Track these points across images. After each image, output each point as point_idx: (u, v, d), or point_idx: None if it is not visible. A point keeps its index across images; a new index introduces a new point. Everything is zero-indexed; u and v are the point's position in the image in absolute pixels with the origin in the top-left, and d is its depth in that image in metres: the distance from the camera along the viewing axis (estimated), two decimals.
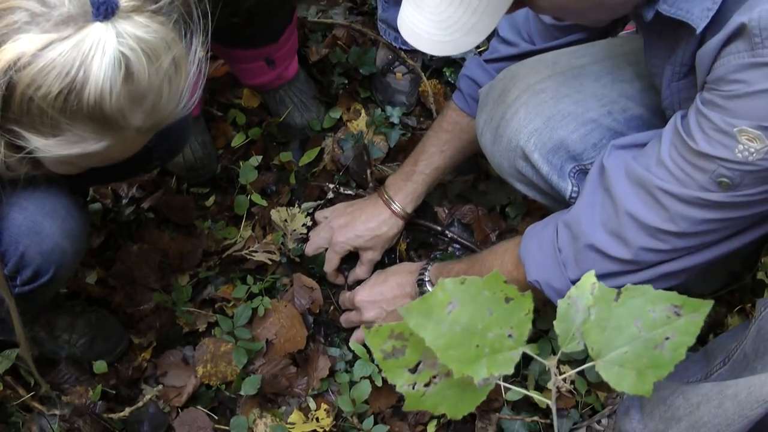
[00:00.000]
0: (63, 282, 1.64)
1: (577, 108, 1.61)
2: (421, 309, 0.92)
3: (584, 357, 1.90)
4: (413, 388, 0.97)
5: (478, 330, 0.93)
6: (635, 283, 1.41)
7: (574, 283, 1.48)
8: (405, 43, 2.32)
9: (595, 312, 0.96)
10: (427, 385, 0.97)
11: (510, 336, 0.94)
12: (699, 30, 1.25)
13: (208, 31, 1.29)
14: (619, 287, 1.45)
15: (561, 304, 0.96)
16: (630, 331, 0.97)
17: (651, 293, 0.97)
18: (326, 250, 2.06)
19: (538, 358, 0.98)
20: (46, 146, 1.21)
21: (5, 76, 1.12)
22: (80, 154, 1.22)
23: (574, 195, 1.62)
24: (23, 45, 1.10)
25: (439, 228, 2.15)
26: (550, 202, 1.72)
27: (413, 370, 0.97)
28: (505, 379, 0.99)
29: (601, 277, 1.45)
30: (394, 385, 1.87)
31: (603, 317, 0.96)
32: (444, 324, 0.92)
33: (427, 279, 1.84)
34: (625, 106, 1.63)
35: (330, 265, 2.05)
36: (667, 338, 0.97)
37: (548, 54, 1.70)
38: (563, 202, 1.65)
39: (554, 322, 0.96)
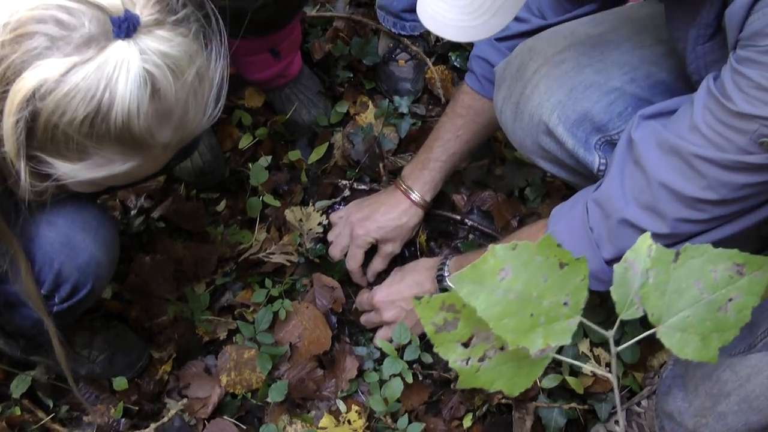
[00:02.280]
0: (101, 293, 1.61)
1: (599, 77, 1.55)
2: (473, 276, 0.86)
3: (618, 338, 1.86)
4: (467, 363, 0.91)
5: (533, 298, 0.87)
6: None
7: (609, 263, 1.46)
8: (404, 28, 2.29)
9: (653, 275, 0.90)
10: (481, 360, 0.91)
11: (566, 304, 0.88)
12: None
13: (224, 36, 1.24)
14: None
15: (617, 268, 0.90)
16: (691, 294, 0.91)
17: (711, 252, 0.91)
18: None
19: (597, 328, 0.92)
20: (72, 171, 1.16)
21: (28, 105, 1.07)
22: (107, 176, 1.18)
23: (602, 168, 1.56)
24: (45, 71, 1.05)
25: (458, 217, 2.10)
26: (576, 178, 1.66)
27: (466, 344, 0.91)
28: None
29: None
30: (425, 382, 1.87)
31: (662, 280, 0.90)
32: (497, 292, 0.86)
33: (446, 274, 1.79)
34: (648, 72, 1.57)
35: (354, 261, 1.99)
36: (730, 299, 0.92)
37: (564, 25, 1.65)
38: (590, 177, 1.59)
39: (611, 288, 0.90)
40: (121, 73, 1.06)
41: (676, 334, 0.91)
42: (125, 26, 1.07)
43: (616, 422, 1.83)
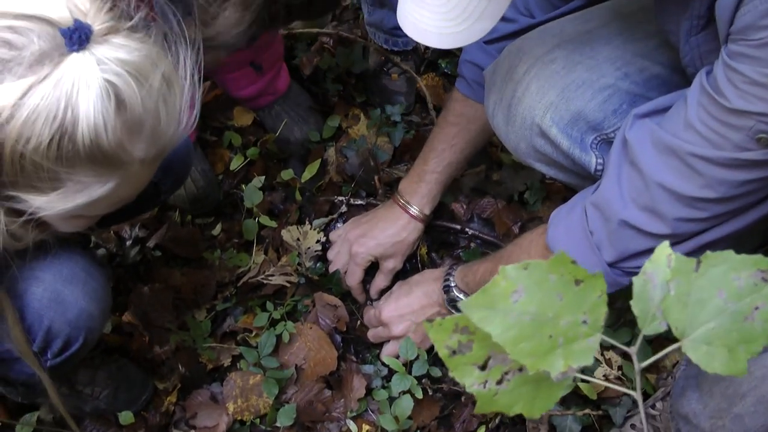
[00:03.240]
0: (94, 343, 1.56)
1: (591, 75, 1.52)
2: (484, 301, 0.82)
3: (628, 340, 1.82)
4: (484, 386, 0.87)
5: (549, 318, 0.83)
6: None
7: (611, 265, 1.42)
8: (396, 44, 2.26)
9: (674, 286, 0.86)
10: (499, 382, 0.87)
11: (584, 322, 0.84)
12: None
13: (192, 37, 1.17)
14: None
15: (636, 281, 0.86)
16: (715, 304, 0.86)
17: (733, 259, 0.86)
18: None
19: (621, 346, 0.89)
20: (48, 203, 1.08)
21: None
22: (87, 203, 1.10)
23: (599, 168, 1.52)
24: (0, 98, 0.99)
25: (458, 226, 2.06)
26: (573, 179, 1.63)
27: (483, 367, 0.87)
28: None
29: (639, 254, 1.38)
30: (435, 396, 1.83)
31: (683, 291, 0.86)
32: (511, 315, 0.82)
33: (453, 285, 1.76)
34: (641, 66, 1.54)
35: (353, 278, 1.96)
36: (756, 308, 0.87)
37: (552, 23, 1.61)
38: (588, 177, 1.56)
39: (631, 303, 0.86)
40: (80, 88, 0.99)
41: (702, 348, 0.87)
42: (77, 37, 1.00)
43: (632, 426, 1.79)
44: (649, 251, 1.33)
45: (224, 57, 1.40)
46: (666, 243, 0.87)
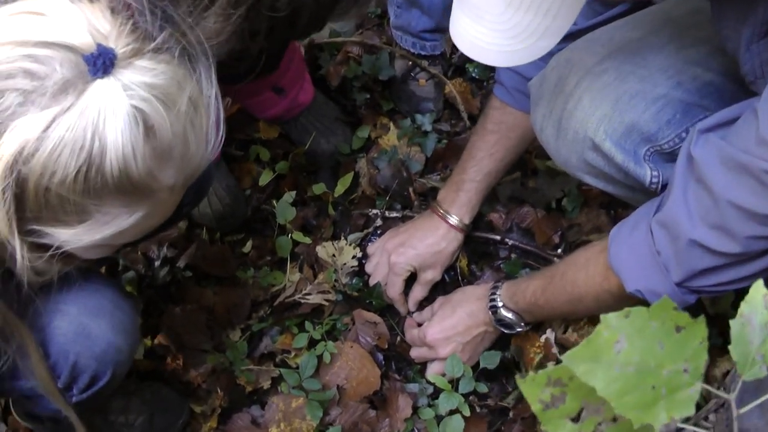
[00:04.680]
0: (123, 377, 1.51)
1: (644, 85, 1.47)
2: (588, 354, 0.78)
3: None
4: None
5: (652, 368, 0.79)
6: (747, 275, 1.30)
7: (678, 285, 1.38)
8: (424, 48, 2.20)
9: None
10: None
11: (685, 371, 0.80)
12: None
13: (211, 56, 1.11)
14: (729, 281, 1.33)
15: (734, 324, 0.82)
16: None
17: None
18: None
19: (721, 394, 0.85)
20: (74, 236, 1.04)
21: (12, 172, 0.94)
22: (114, 233, 1.05)
23: (654, 180, 1.47)
24: (24, 131, 0.93)
25: (498, 237, 2.02)
26: (625, 192, 1.58)
27: (576, 419, 0.84)
28: None
29: (706, 271, 1.34)
30: (482, 413, 1.80)
31: None
32: (616, 367, 0.78)
33: (500, 304, 1.72)
34: (694, 74, 1.49)
35: (394, 289, 1.92)
36: None
37: (599, 32, 1.56)
38: (641, 191, 1.51)
39: (730, 347, 0.82)
40: (107, 116, 0.94)
41: None
42: (101, 62, 0.94)
43: None
44: (717, 269, 1.31)
45: None
46: (760, 282, 0.83)
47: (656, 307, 0.79)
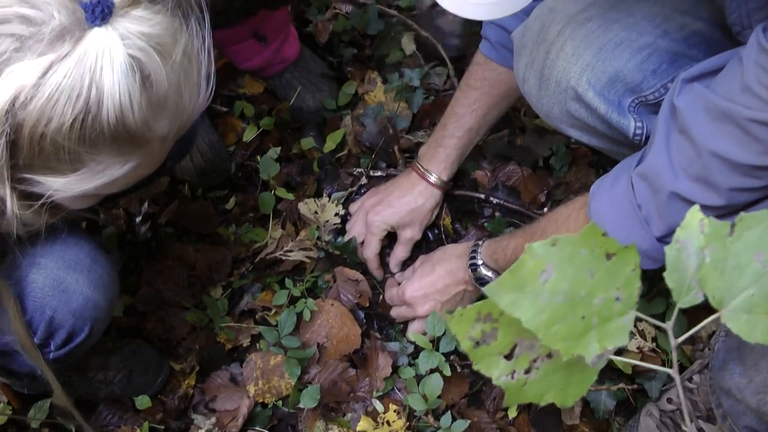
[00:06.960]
0: (101, 333, 1.49)
1: (629, 33, 1.42)
2: (512, 283, 0.73)
3: (663, 311, 1.75)
4: (512, 377, 0.79)
5: (582, 297, 0.75)
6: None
7: (660, 240, 1.33)
8: None
9: (709, 253, 0.78)
10: (527, 371, 0.80)
11: (618, 299, 0.77)
12: None
13: (203, 8, 1.11)
14: None
15: (669, 251, 0.78)
16: (753, 269, 0.78)
17: None
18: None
19: (656, 321, 0.81)
20: (66, 185, 1.04)
21: (7, 119, 0.94)
22: (106, 183, 1.06)
23: (638, 132, 1.43)
24: (20, 77, 0.93)
25: (482, 195, 1.98)
26: (607, 145, 1.54)
27: (509, 356, 0.80)
28: None
29: None
30: (463, 373, 1.76)
31: (719, 257, 0.78)
32: (542, 297, 0.74)
33: (480, 262, 1.68)
34: (682, 23, 1.44)
35: (369, 249, 1.88)
36: None
37: None
38: (625, 143, 1.47)
39: (665, 274, 0.78)
40: (104, 64, 0.94)
41: (742, 317, 0.79)
42: (99, 10, 0.94)
43: (668, 400, 1.72)
44: None
45: None
46: (696, 207, 0.79)
47: (585, 234, 0.75)
